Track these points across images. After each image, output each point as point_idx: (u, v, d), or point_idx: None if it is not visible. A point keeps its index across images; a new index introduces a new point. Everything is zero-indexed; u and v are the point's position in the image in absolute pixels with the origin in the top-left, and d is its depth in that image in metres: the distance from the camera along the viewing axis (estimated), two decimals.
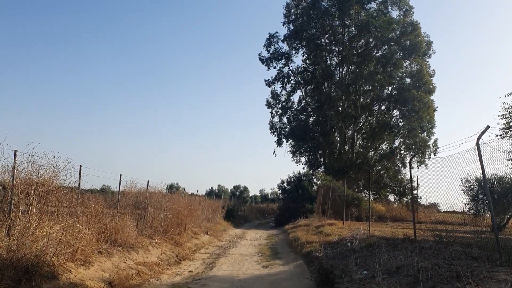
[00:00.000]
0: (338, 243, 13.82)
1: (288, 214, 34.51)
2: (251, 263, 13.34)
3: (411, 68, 42.61)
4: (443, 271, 7.23)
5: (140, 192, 15.57)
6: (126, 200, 14.59)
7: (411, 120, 39.83)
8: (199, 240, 18.34)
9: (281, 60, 46.41)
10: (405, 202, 39.17)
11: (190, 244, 16.60)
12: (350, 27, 43.77)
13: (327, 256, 11.89)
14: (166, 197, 17.54)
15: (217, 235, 22.06)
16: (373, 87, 42.28)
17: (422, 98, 38.96)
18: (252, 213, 48.70)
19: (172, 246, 14.74)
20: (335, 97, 42.49)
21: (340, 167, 38.71)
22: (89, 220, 10.67)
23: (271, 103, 47.19)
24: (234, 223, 32.57)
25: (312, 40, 43.97)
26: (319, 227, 20.00)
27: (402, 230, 17.16)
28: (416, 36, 41.52)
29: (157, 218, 15.25)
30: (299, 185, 41.21)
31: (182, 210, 17.45)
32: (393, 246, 10.93)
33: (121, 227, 12.10)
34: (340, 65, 44.26)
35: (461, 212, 19.19)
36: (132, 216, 13.86)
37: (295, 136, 43.48)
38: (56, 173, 8.75)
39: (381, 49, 42.82)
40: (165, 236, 15.19)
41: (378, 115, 44.09)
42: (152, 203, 15.34)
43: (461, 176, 12.10)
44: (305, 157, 45.52)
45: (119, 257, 10.79)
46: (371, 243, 11.91)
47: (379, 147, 44.48)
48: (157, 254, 12.90)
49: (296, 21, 44.90)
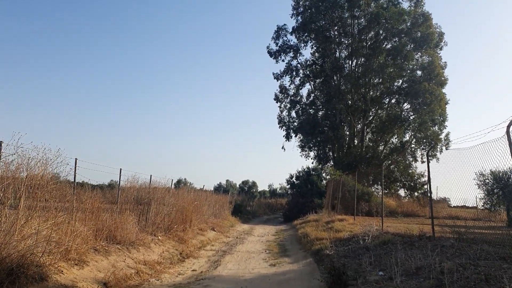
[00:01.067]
0: (349, 240, 13.10)
1: (296, 209, 33.83)
2: (258, 261, 12.67)
3: (422, 60, 41.59)
4: (469, 273, 6.52)
5: (142, 187, 14.96)
6: (127, 195, 13.99)
7: (422, 113, 38.86)
8: (205, 237, 17.70)
9: (290, 53, 45.70)
10: (416, 197, 38.35)
11: (195, 241, 15.96)
12: (359, 19, 42.83)
13: (338, 254, 11.20)
14: (170, 192, 16.92)
15: (224, 231, 21.42)
16: (383, 79, 41.33)
17: (433, 91, 37.99)
18: (260, 208, 48.02)
19: (176, 243, 14.10)
20: (345, 91, 41.67)
21: (350, 161, 37.96)
22: (85, 216, 10.05)
23: (280, 97, 46.54)
24: (242, 219, 31.92)
25: (321, 32, 43.10)
26: (329, 222, 19.28)
27: (416, 226, 16.38)
28: (427, 28, 40.50)
29: (160, 214, 14.62)
30: (308, 179, 40.48)
31: (187, 205, 16.80)
32: (410, 244, 10.18)
33: (121, 224, 11.50)
34: (349, 57, 43.42)
35: (472, 207, 18.30)
36: (134, 212, 13.25)
37: (304, 130, 42.74)
38: (46, 166, 8.12)
39: (391, 41, 41.86)
40: (169, 232, 14.55)
41: (388, 109, 43.14)
42: (155, 198, 14.72)
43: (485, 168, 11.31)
44: (314, 151, 44.84)
45: (117, 256, 10.17)
46: (385, 240, 11.18)
47: (389, 141, 43.63)
48: (159, 252, 12.27)
49: (304, 13, 44.04)
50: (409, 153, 41.93)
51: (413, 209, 34.62)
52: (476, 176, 17.40)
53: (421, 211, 34.37)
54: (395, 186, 41.60)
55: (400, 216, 28.23)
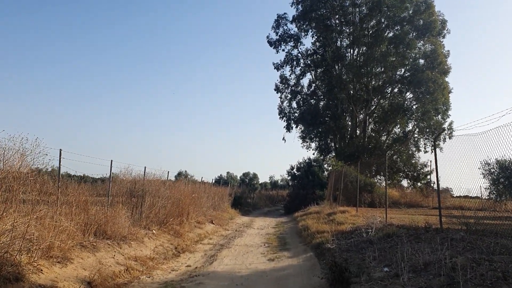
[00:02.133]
0: (352, 232, 12.47)
1: (298, 201, 33.25)
2: (256, 256, 12.10)
3: (425, 48, 40.74)
4: (484, 270, 5.92)
5: (136, 180, 14.32)
6: (120, 188, 13.37)
7: (425, 102, 38.14)
8: (202, 230, 17.14)
9: (290, 42, 44.82)
10: (419, 187, 37.76)
11: (192, 234, 15.39)
12: (361, 7, 41.92)
13: (340, 248, 10.60)
14: (166, 184, 16.33)
15: (223, 224, 20.85)
16: (385, 68, 40.51)
17: (436, 79, 37.25)
18: (261, 200, 47.49)
19: (172, 237, 13.52)
20: (346, 80, 40.86)
21: (352, 152, 37.30)
22: (71, 210, 9.47)
23: (280, 87, 45.75)
24: (242, 211, 31.37)
25: (322, 21, 42.19)
26: (330, 214, 18.66)
27: (421, 217, 15.77)
28: (430, 15, 39.63)
29: (155, 207, 14.04)
30: (309, 170, 39.79)
31: (183, 198, 16.21)
32: (416, 237, 9.56)
33: (112, 218, 10.92)
34: (351, 46, 42.59)
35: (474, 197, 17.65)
36: (127, 206, 12.68)
37: (305, 120, 42.01)
38: (24, 156, 7.50)
39: (393, 29, 40.99)
40: (164, 226, 13.97)
41: (391, 98, 42.42)
42: (149, 191, 14.14)
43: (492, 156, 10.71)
44: (315, 142, 44.16)
45: (106, 252, 9.60)
46: (389, 233, 10.57)
47: (392, 131, 42.94)
48: (152, 247, 11.69)
49: (305, 1, 43.09)
50: (412, 143, 41.24)
51: (417, 199, 34.07)
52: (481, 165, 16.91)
53: (424, 201, 33.85)
54: (398, 177, 40.97)
55: (404, 206, 27.67)
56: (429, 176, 37.84)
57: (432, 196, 32.11)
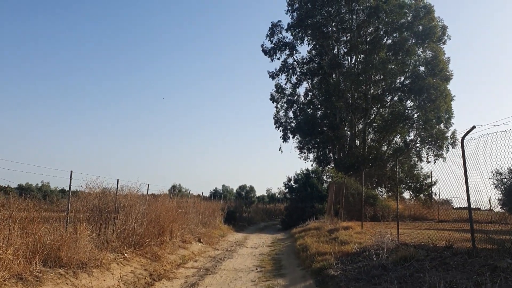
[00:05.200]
0: (359, 254, 10.52)
1: (296, 215, 31.33)
2: (245, 284, 10.11)
3: (425, 55, 39.37)
4: None
5: (106, 194, 12.34)
6: (87, 203, 11.40)
7: (427, 111, 36.60)
8: (187, 250, 15.12)
9: (285, 50, 43.56)
10: (424, 199, 36.03)
11: (174, 257, 13.38)
12: (358, 13, 40.64)
13: (347, 276, 8.65)
14: (147, 198, 14.39)
15: (213, 242, 18.82)
16: (384, 76, 38.97)
17: (438, 86, 35.79)
18: (257, 214, 45.48)
19: (148, 261, 11.51)
20: (344, 88, 39.32)
21: (352, 162, 35.59)
22: (10, 231, 7.56)
23: (276, 97, 44.32)
24: (236, 227, 29.35)
25: (318, 28, 40.82)
26: (332, 231, 16.68)
27: (431, 232, 13.85)
28: (429, 21, 38.37)
29: (127, 226, 12.07)
30: (308, 182, 37.75)
31: (165, 214, 14.23)
32: (442, 262, 7.65)
33: (70, 240, 9.01)
34: (348, 54, 41.22)
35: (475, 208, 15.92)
36: (92, 225, 10.76)
37: (302, 130, 40.37)
38: None
39: (392, 36, 39.65)
40: (140, 248, 11.94)
41: (390, 106, 40.85)
42: (122, 207, 12.22)
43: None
44: (313, 153, 42.61)
45: (54, 285, 7.63)
46: (406, 256, 8.64)
47: (392, 141, 41.33)
48: (120, 275, 9.70)
49: (300, 9, 41.88)
50: (414, 153, 39.54)
51: (421, 212, 32.32)
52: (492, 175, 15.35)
53: (429, 214, 32.12)
54: (400, 188, 39.20)
55: (408, 220, 25.85)
56: (433, 187, 36.33)
57: (438, 208, 30.41)
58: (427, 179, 37.99)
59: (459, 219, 22.24)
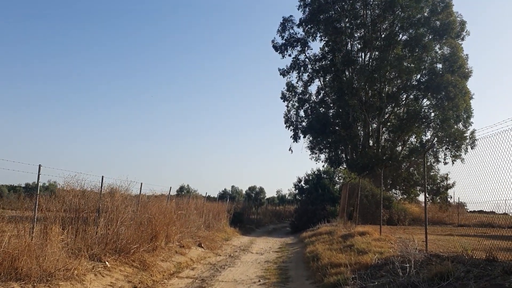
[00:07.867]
0: (380, 267, 8.96)
1: (306, 218, 29.81)
2: None
3: (442, 51, 37.66)
4: None
5: (87, 192, 10.93)
6: (63, 202, 9.95)
7: (445, 109, 34.95)
8: (185, 257, 13.67)
9: (297, 46, 42.11)
10: (442, 203, 34.49)
11: (168, 264, 11.94)
12: (373, 8, 39.17)
13: None
14: (136, 199, 13.03)
15: (215, 247, 17.31)
16: (400, 73, 37.34)
17: (457, 83, 34.08)
18: (266, 216, 44.02)
19: (134, 271, 10.05)
20: (357, 87, 37.78)
21: (365, 163, 34.00)
22: None
23: (286, 95, 42.96)
24: (242, 230, 27.92)
25: (331, 23, 39.37)
26: (346, 237, 15.10)
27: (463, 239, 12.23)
28: (447, 16, 36.69)
29: (113, 229, 10.64)
30: (319, 183, 36.12)
31: (159, 216, 12.83)
32: (490, 282, 6.20)
33: (34, 247, 7.64)
34: (362, 50, 39.75)
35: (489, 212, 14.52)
36: (68, 227, 9.36)
37: (314, 130, 38.96)
38: None
39: (407, 31, 38.00)
40: (126, 255, 10.48)
41: (406, 105, 39.23)
42: (106, 208, 10.84)
43: None
44: (324, 153, 41.25)
45: None
46: (441, 272, 7.13)
47: (407, 141, 39.73)
48: None
49: (312, 4, 40.41)
50: (431, 154, 37.83)
51: (439, 216, 30.78)
52: None
53: (448, 217, 30.61)
54: (416, 191, 37.60)
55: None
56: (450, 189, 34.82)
57: (458, 212, 28.89)
58: (444, 181, 36.45)
59: (479, 224, 20.71)
